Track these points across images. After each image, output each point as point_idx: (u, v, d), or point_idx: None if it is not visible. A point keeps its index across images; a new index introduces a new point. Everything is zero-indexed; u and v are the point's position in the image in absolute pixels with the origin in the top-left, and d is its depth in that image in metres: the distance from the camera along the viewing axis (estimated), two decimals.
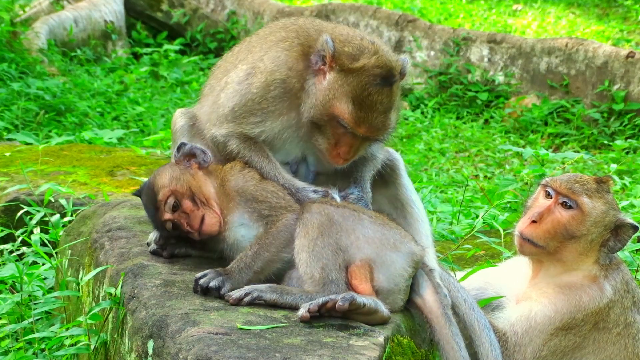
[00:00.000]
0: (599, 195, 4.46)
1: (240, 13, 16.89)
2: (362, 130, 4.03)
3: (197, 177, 4.10)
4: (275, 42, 4.21)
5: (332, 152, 4.11)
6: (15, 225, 5.82)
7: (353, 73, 4.00)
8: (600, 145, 12.97)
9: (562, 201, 4.45)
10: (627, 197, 9.05)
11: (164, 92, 13.79)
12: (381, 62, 4.01)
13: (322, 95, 4.03)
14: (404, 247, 3.94)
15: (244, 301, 3.73)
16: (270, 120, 4.15)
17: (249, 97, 4.14)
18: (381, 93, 4.00)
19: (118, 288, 3.91)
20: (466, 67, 14.74)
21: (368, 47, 4.05)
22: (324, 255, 3.78)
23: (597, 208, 4.43)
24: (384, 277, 3.87)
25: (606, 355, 4.33)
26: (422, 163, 11.20)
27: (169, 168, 4.15)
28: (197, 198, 4.03)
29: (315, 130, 4.10)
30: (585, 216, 4.42)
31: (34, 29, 14.78)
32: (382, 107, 4.02)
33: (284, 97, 4.12)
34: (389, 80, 4.02)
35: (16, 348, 4.45)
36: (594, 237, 4.42)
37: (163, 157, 7.61)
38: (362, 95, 3.99)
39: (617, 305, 4.36)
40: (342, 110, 4.00)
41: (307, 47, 4.11)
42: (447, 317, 3.97)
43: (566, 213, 4.43)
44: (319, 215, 3.84)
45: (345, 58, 4.01)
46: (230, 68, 4.32)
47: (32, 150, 7.39)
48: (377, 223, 3.95)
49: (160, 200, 4.05)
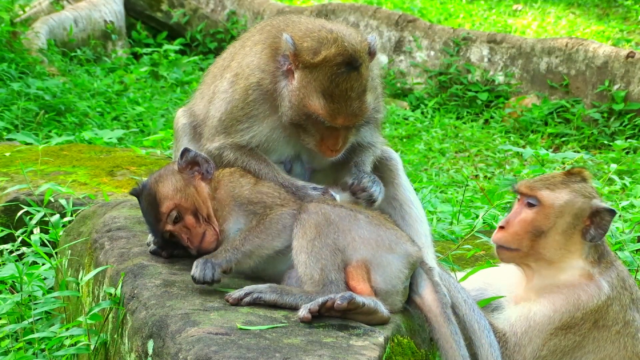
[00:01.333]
0: (562, 186, 4.47)
1: (240, 13, 16.89)
2: (340, 121, 4.01)
3: (199, 189, 4.06)
4: (251, 47, 4.24)
5: (321, 147, 4.11)
6: (15, 225, 5.81)
7: (317, 67, 3.98)
8: (600, 145, 12.96)
9: (526, 201, 4.49)
10: (627, 197, 9.05)
11: (164, 92, 13.78)
12: (341, 49, 3.96)
13: (294, 96, 4.03)
14: (400, 248, 3.93)
15: (244, 301, 3.73)
16: (257, 124, 4.16)
17: (233, 104, 4.17)
18: (349, 80, 3.97)
19: (118, 288, 3.91)
20: (466, 67, 14.74)
21: (327, 38, 4.01)
22: (323, 255, 3.77)
23: (559, 199, 4.43)
24: (380, 278, 3.87)
25: (606, 354, 4.33)
26: (422, 163, 11.20)
27: (172, 177, 4.08)
28: (200, 214, 4.00)
29: (299, 130, 4.10)
30: (548, 209, 4.43)
31: (34, 29, 14.77)
32: (355, 93, 3.98)
33: (263, 100, 4.13)
34: (353, 64, 3.97)
35: (16, 348, 4.45)
36: (566, 228, 4.41)
37: (163, 157, 7.61)
38: (330, 87, 3.96)
39: (616, 303, 4.35)
40: (316, 107, 3.99)
41: (275, 49, 4.12)
42: (446, 315, 3.97)
43: (530, 211, 4.45)
44: (316, 215, 3.84)
45: (306, 54, 4.00)
46: (218, 74, 4.37)
47: (32, 150, 7.38)
48: (373, 223, 3.95)
49: (163, 213, 4.00)
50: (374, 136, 4.35)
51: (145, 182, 4.15)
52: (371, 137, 4.32)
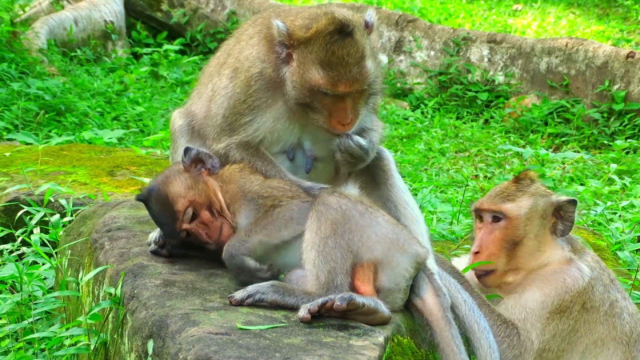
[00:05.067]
0: (520, 194, 4.53)
1: (240, 13, 16.89)
2: (342, 87, 4.01)
3: (209, 185, 4.06)
4: (247, 41, 4.27)
5: (332, 122, 4.09)
6: (15, 225, 5.81)
7: (311, 41, 4.00)
8: (600, 145, 12.96)
9: (491, 218, 4.53)
10: (627, 197, 9.05)
11: (164, 92, 13.78)
12: (331, 19, 4.00)
13: (296, 75, 4.04)
14: (411, 249, 3.92)
15: (246, 302, 3.72)
16: (260, 115, 4.16)
17: (235, 98, 4.18)
18: (343, 46, 3.98)
19: (118, 288, 3.91)
20: (466, 67, 14.74)
21: (317, 13, 4.07)
22: (333, 257, 3.74)
23: (523, 207, 4.50)
24: (386, 277, 3.86)
25: (597, 336, 4.39)
26: (422, 163, 11.19)
27: (180, 176, 4.07)
28: (214, 208, 4.00)
29: (308, 110, 4.10)
30: (516, 220, 4.50)
31: (34, 29, 14.76)
32: (352, 59, 3.99)
33: (266, 88, 4.15)
34: (346, 30, 3.99)
35: (16, 348, 4.45)
36: (537, 232, 4.50)
37: (163, 157, 7.61)
38: (326, 56, 3.98)
39: (598, 283, 4.44)
40: (316, 79, 4.00)
41: (271, 39, 4.14)
42: (447, 319, 3.96)
43: (498, 226, 4.51)
44: (335, 212, 3.79)
45: (299, 31, 4.03)
46: (214, 73, 4.38)
47: (32, 150, 7.38)
48: (391, 222, 3.93)
49: (179, 211, 3.98)
50: (374, 120, 4.34)
51: (151, 186, 4.11)
52: (371, 122, 4.31)
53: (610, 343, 4.39)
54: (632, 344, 4.41)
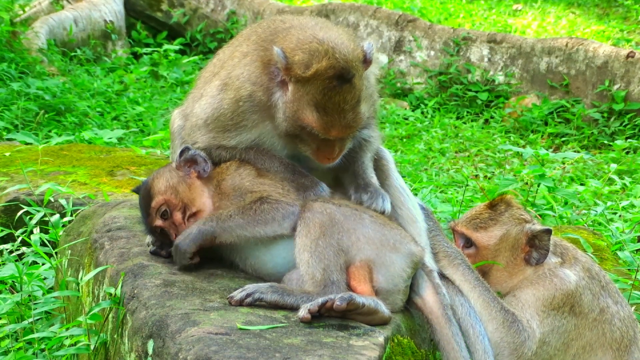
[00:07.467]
0: (492, 223, 4.50)
1: (240, 13, 16.88)
2: (334, 133, 3.97)
3: (193, 187, 4.09)
4: (240, 59, 4.20)
5: (318, 156, 4.08)
6: (15, 225, 5.81)
7: (309, 81, 3.90)
8: (600, 145, 12.96)
9: (462, 242, 4.55)
10: (627, 197, 9.05)
11: (164, 92, 13.78)
12: (332, 62, 3.88)
13: (289, 109, 3.98)
14: (404, 248, 3.93)
15: (246, 302, 3.73)
16: (245, 132, 4.15)
17: (221, 111, 4.15)
18: (341, 93, 3.90)
19: (118, 288, 3.91)
20: (466, 67, 14.74)
21: (318, 50, 3.92)
22: (326, 256, 3.77)
23: (492, 237, 4.48)
24: (383, 277, 3.86)
25: (586, 341, 4.38)
26: (422, 163, 11.19)
27: (168, 173, 4.14)
28: (188, 210, 4.04)
29: (296, 139, 4.08)
30: (485, 250, 4.48)
31: (34, 28, 14.76)
32: (348, 105, 3.92)
33: (254, 110, 4.11)
34: (345, 77, 3.89)
35: (16, 348, 4.45)
36: (507, 262, 4.45)
37: (163, 157, 7.61)
38: (323, 101, 3.90)
39: (587, 292, 4.41)
40: (310, 120, 3.94)
41: (266, 60, 4.06)
42: (448, 317, 3.97)
43: (469, 251, 4.51)
44: (321, 215, 3.83)
45: (298, 68, 3.92)
46: (208, 79, 4.37)
47: (32, 150, 7.38)
48: (378, 223, 3.94)
49: (153, 207, 4.07)
50: (371, 130, 4.33)
51: (145, 179, 4.24)
52: (368, 132, 4.30)
53: (598, 349, 4.37)
54: (623, 349, 4.39)
